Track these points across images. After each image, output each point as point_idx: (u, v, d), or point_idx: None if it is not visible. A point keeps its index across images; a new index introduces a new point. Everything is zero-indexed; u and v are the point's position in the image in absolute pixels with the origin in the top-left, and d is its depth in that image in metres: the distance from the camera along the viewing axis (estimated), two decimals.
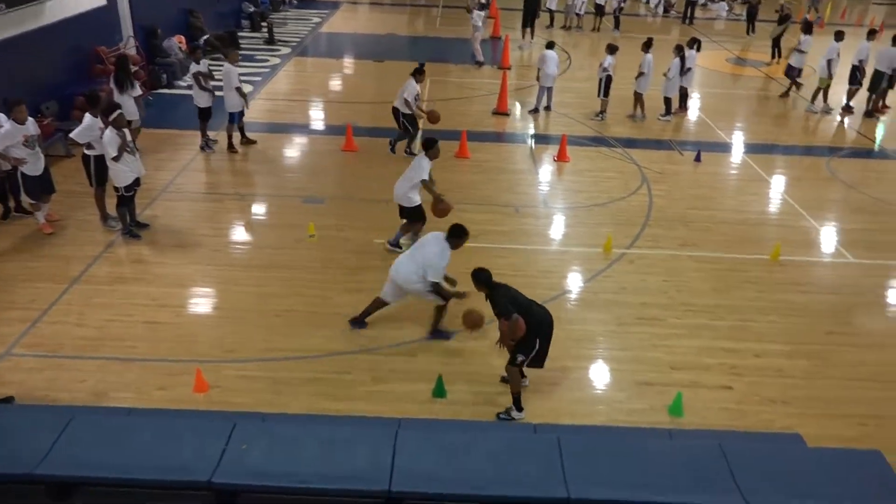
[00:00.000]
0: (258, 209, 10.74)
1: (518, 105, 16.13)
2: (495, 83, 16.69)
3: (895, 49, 15.85)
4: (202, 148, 12.57)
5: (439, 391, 6.90)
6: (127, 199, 9.35)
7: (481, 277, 6.61)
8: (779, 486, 2.76)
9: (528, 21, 22.18)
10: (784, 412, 6.90)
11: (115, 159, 8.95)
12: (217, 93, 12.33)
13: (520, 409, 6.66)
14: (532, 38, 22.27)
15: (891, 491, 2.81)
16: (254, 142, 12.96)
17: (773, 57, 20.99)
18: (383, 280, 8.75)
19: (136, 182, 9.36)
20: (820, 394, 7.19)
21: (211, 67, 12.81)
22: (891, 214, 11.36)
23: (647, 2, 30.89)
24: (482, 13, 20.10)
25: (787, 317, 8.50)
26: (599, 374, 7.41)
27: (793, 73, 17.24)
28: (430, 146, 9.25)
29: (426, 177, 9.20)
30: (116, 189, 9.24)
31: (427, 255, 7.38)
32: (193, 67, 11.99)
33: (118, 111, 9.04)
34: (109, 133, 8.91)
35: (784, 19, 21.01)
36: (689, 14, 27.09)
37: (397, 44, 22.11)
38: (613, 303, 8.58)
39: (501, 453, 2.76)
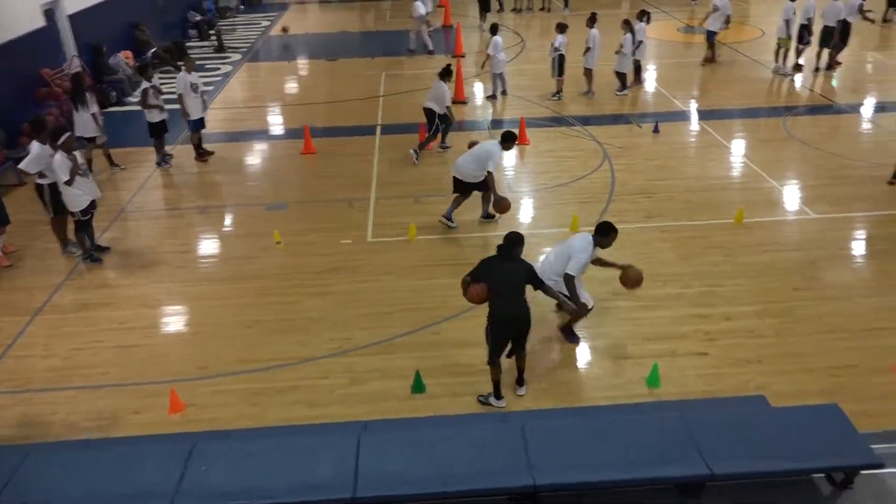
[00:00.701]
0: (221, 221, 10.60)
1: (477, 90, 16.10)
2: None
3: (839, 3, 16.09)
4: (159, 164, 12.37)
5: (418, 387, 6.88)
6: (84, 223, 9.17)
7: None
8: (741, 451, 2.79)
9: (484, 5, 22.27)
10: (759, 371, 6.99)
11: (68, 183, 8.76)
12: (172, 106, 12.17)
13: (498, 396, 6.67)
14: (485, 21, 22.34)
15: (849, 441, 2.87)
16: (211, 153, 12.80)
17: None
18: (351, 280, 8.78)
19: (93, 205, 9.18)
20: (792, 350, 7.30)
21: (161, 81, 12.62)
22: (847, 168, 11.55)
23: None
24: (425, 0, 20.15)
25: (755, 277, 8.61)
26: (577, 354, 7.44)
27: (711, 38, 17.26)
28: (510, 139, 9.45)
29: (494, 169, 9.41)
30: (73, 214, 9.06)
31: (572, 248, 7.18)
32: (143, 84, 11.77)
33: (67, 134, 8.85)
34: (59, 157, 8.72)
35: None
36: None
37: (349, 41, 21.93)
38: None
39: (468, 447, 2.75)
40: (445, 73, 12.31)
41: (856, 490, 2.87)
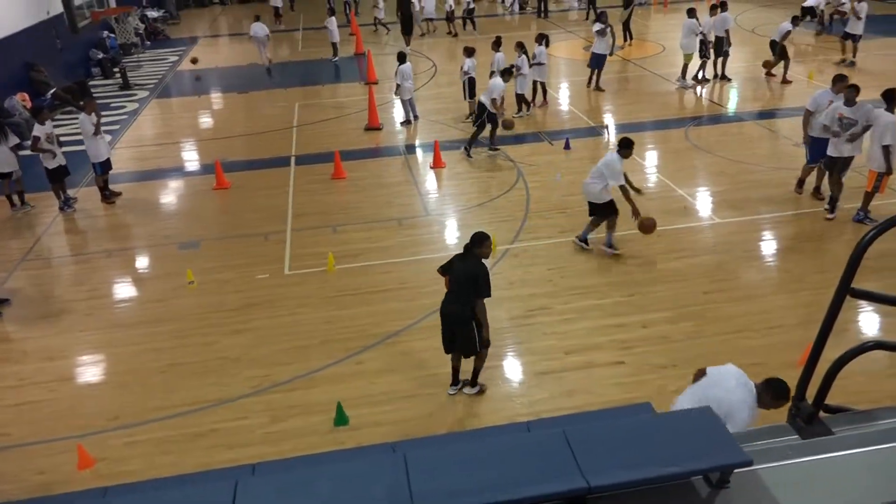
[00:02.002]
0: (131, 263, 10.22)
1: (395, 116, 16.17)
2: (364, 99, 16.66)
3: (727, 14, 17.07)
4: (61, 208, 11.87)
5: (341, 419, 6.76)
6: None
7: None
8: (620, 461, 2.83)
9: (407, 30, 22.72)
10: (674, 375, 7.18)
11: None
12: (77, 147, 11.74)
13: (454, 383, 7.14)
14: (409, 45, 22.69)
15: (721, 442, 2.96)
16: (119, 193, 12.39)
17: (624, 40, 21.96)
18: (269, 315, 8.59)
19: None
20: (704, 351, 7.53)
21: (62, 123, 12.15)
22: (747, 173, 12.10)
23: (503, 1, 31.71)
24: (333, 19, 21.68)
25: (667, 284, 8.87)
26: (498, 372, 7.47)
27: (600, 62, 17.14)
28: (627, 146, 9.18)
29: (623, 181, 9.22)
30: None
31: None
32: (37, 129, 11.28)
33: None
34: None
35: (629, 2, 22.03)
36: (542, 8, 28.00)
37: (261, 72, 21.70)
38: (503, 299, 8.69)
39: (345, 482, 2.70)
40: (506, 72, 12.95)
41: (732, 488, 2.96)
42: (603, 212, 9.50)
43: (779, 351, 7.45)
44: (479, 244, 6.67)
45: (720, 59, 17.48)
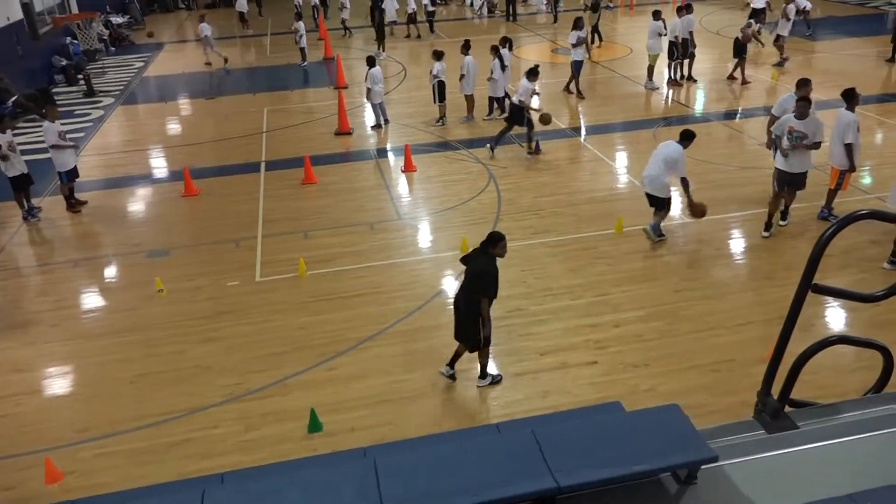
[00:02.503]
0: (99, 273, 10.04)
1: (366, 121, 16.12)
2: (334, 104, 16.58)
3: (691, 16, 17.31)
4: (25, 218, 11.63)
5: (314, 426, 6.70)
6: None
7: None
8: (589, 460, 2.85)
9: (380, 35, 22.61)
10: (647, 374, 7.25)
11: None
12: (42, 156, 11.50)
13: (482, 377, 7.22)
14: (384, 50, 22.62)
15: (688, 439, 3.00)
16: (84, 202, 12.18)
17: (592, 42, 22.13)
18: (241, 323, 8.51)
19: None
20: (675, 350, 7.61)
21: (26, 131, 11.90)
22: (714, 172, 12.27)
23: (471, 4, 31.80)
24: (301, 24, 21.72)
25: (638, 283, 8.95)
26: (472, 375, 7.45)
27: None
28: (689, 137, 9.61)
29: (685, 173, 9.47)
30: None
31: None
32: None
33: None
34: None
35: (596, 6, 22.24)
36: (511, 12, 28.15)
37: (230, 78, 21.50)
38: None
39: (312, 487, 2.69)
40: (531, 73, 13.21)
41: (699, 484, 3.00)
42: (662, 204, 9.80)
43: (749, 347, 7.56)
44: (493, 244, 6.77)
45: (686, 61, 17.73)
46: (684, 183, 9.52)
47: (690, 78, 17.89)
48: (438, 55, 15.14)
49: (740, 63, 17.36)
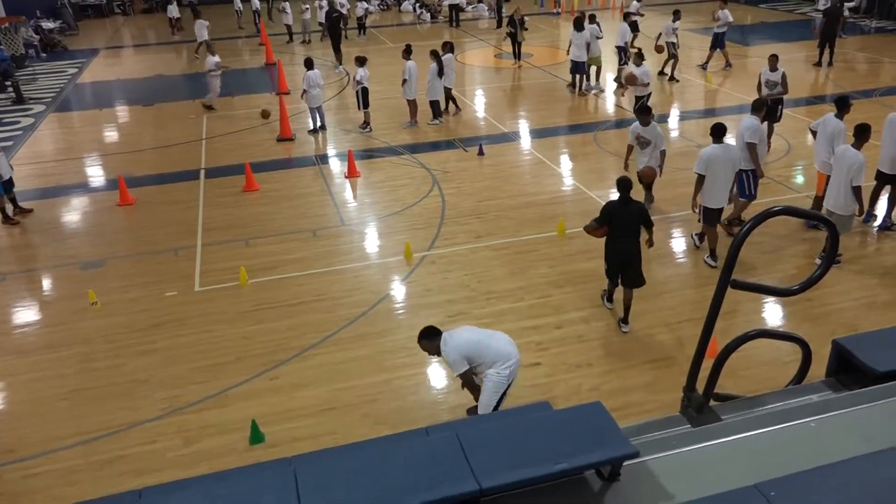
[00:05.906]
0: (29, 286, 9.67)
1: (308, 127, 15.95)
2: (276, 110, 16.36)
3: (624, 24, 17.81)
4: None
5: (256, 437, 6.58)
6: None
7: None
8: (512, 460, 2.87)
9: (336, 46, 22.06)
10: (589, 374, 7.35)
11: None
12: None
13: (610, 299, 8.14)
14: (340, 61, 22.16)
15: (611, 435, 3.06)
16: (30, 210, 11.78)
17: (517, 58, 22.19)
18: (179, 334, 8.32)
19: None
20: (617, 349, 7.74)
21: None
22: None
23: (413, 10, 31.82)
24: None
25: (580, 285, 9.07)
26: (418, 379, 7.45)
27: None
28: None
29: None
30: None
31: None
32: None
33: None
34: None
35: (513, 23, 22.13)
36: (454, 18, 28.30)
37: (167, 84, 21.01)
38: (421, 306, 8.68)
39: (231, 499, 2.64)
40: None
41: (623, 480, 3.06)
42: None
43: (689, 344, 7.72)
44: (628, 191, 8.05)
45: (671, 62, 18.40)
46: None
47: (673, 78, 18.46)
48: (361, 61, 15.06)
49: (675, 60, 17.96)
